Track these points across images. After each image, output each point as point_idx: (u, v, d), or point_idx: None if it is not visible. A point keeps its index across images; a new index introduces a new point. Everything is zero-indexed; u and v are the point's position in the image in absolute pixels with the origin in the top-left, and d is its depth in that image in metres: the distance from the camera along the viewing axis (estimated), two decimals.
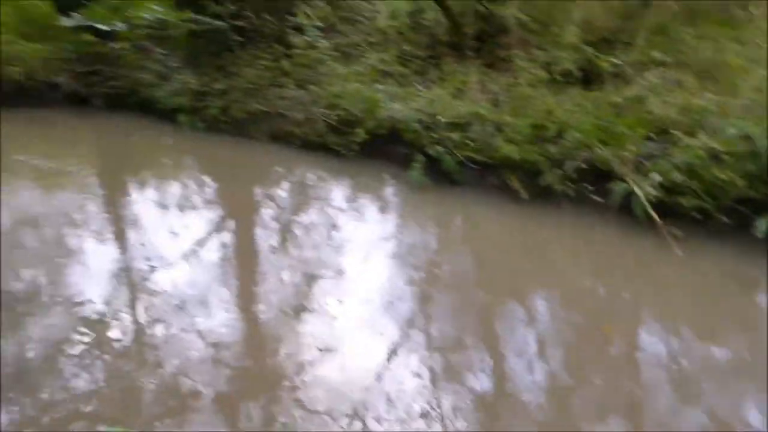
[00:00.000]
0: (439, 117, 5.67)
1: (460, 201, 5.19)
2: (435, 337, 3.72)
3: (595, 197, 4.68)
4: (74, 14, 7.24)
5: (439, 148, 5.38)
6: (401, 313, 3.90)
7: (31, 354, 3.50)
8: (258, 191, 5.77)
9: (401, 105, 5.96)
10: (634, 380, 3.34)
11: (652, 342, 3.65)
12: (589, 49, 6.22)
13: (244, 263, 4.58)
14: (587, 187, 4.74)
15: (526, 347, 3.57)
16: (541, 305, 4.02)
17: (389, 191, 5.60)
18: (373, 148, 5.86)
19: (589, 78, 6.10)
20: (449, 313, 3.98)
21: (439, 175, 5.35)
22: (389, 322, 3.82)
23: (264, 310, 4.04)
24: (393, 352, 3.56)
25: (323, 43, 7.31)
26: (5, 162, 5.68)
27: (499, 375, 3.43)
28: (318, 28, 7.47)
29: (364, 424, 3.05)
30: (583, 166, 4.83)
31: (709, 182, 4.30)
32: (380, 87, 6.41)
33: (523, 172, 5.06)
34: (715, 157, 4.38)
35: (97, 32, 7.25)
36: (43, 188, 5.47)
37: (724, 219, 4.23)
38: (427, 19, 7.23)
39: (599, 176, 4.75)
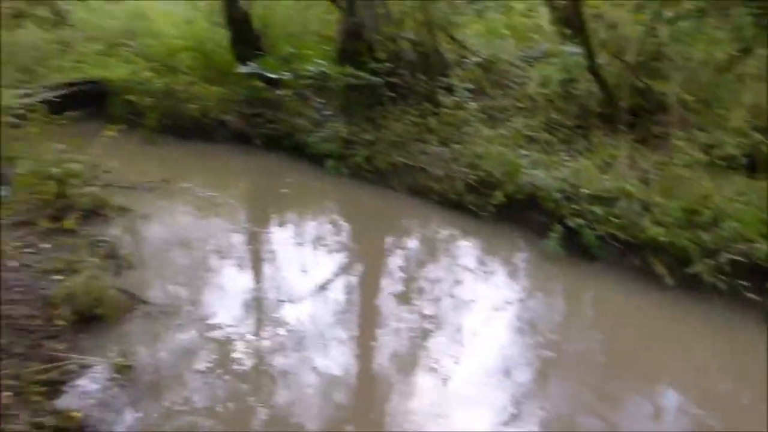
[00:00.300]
0: (583, 189, 5.49)
1: (595, 277, 4.94)
2: (547, 416, 3.52)
3: (750, 295, 4.25)
4: (250, 63, 8.03)
5: (580, 221, 5.18)
6: (516, 384, 3.76)
7: (163, 365, 3.77)
8: (390, 240, 5.89)
9: (543, 172, 5.85)
10: None
11: None
12: (758, 135, 5.77)
13: (366, 308, 4.66)
14: (742, 283, 4.31)
15: None
16: (667, 402, 3.70)
17: (521, 257, 5.47)
18: (510, 213, 5.77)
19: (755, 165, 5.63)
20: (566, 394, 3.76)
21: (575, 248, 5.14)
22: (502, 391, 3.69)
23: (379, 358, 4.07)
24: (503, 425, 3.41)
25: (471, 105, 7.42)
26: (173, 187, 6.31)
27: None
28: (468, 90, 7.60)
29: None
30: (740, 259, 4.41)
31: None
32: (524, 152, 6.36)
33: (669, 256, 4.73)
34: None
35: (266, 80, 7.94)
36: (198, 214, 5.98)
37: None
38: (579, 89, 7.11)
39: (758, 272, 4.31)
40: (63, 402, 3.30)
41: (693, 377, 3.85)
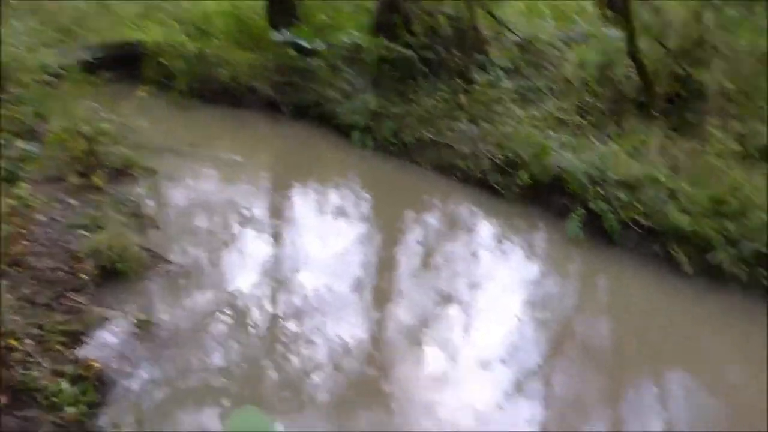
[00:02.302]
0: (610, 173, 5.41)
1: (614, 262, 4.89)
2: (554, 392, 3.54)
3: None
4: (284, 30, 8.01)
5: (603, 205, 5.12)
6: (524, 360, 3.77)
7: (181, 324, 3.87)
8: (411, 214, 5.90)
9: (571, 155, 5.78)
10: None
11: None
12: None
13: (382, 279, 4.71)
14: (763, 273, 4.23)
15: (650, 426, 3.27)
16: (676, 387, 3.69)
17: (540, 237, 5.44)
18: (533, 194, 5.72)
19: None
20: (573, 372, 3.77)
21: (596, 233, 5.09)
22: (510, 366, 3.71)
23: (392, 329, 4.11)
24: (507, 395, 3.44)
25: (505, 84, 7.33)
26: (199, 151, 6.39)
27: None
28: (503, 68, 7.51)
29: None
30: (763, 250, 4.32)
31: None
32: (553, 134, 6.28)
33: (690, 245, 4.65)
34: None
35: (299, 48, 7.93)
36: (223, 179, 6.06)
37: None
38: (616, 73, 6.95)
39: None
40: (83, 352, 3.42)
41: (701, 365, 3.81)
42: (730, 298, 4.32)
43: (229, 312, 4.07)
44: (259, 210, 5.68)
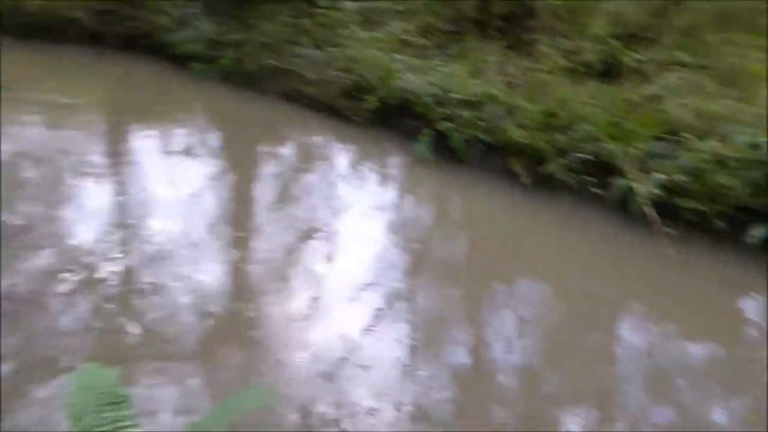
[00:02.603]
0: (453, 93, 5.61)
1: (462, 179, 5.17)
2: (418, 310, 3.76)
3: (595, 190, 4.64)
4: None
5: (448, 125, 5.34)
6: (388, 282, 3.93)
7: (21, 289, 3.55)
8: (262, 147, 5.77)
9: (416, 77, 5.89)
10: (609, 371, 3.39)
11: (631, 336, 3.69)
12: (615, 43, 6.11)
13: (238, 217, 4.61)
14: (589, 180, 4.70)
15: (506, 329, 3.61)
16: (526, 290, 4.04)
17: (393, 162, 5.58)
18: (383, 117, 5.81)
19: (609, 72, 5.99)
20: (435, 288, 4.01)
21: (444, 152, 5.32)
22: (376, 289, 3.86)
23: (252, 265, 4.09)
24: (376, 319, 3.60)
25: (348, 6, 7.21)
26: (11, 95, 5.69)
27: (477, 353, 3.48)
28: None
29: (338, 386, 3.10)
30: (589, 158, 4.78)
31: (711, 187, 4.26)
32: (398, 56, 6.34)
33: (528, 157, 5.02)
34: (721, 162, 4.32)
35: None
36: (47, 124, 5.48)
37: (721, 224, 4.19)
38: None
39: (603, 170, 4.70)
40: None
41: (545, 267, 4.20)
42: (564, 205, 4.74)
43: (74, 269, 3.80)
44: (96, 156, 5.25)
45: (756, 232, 4.08)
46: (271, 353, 3.32)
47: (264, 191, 5.01)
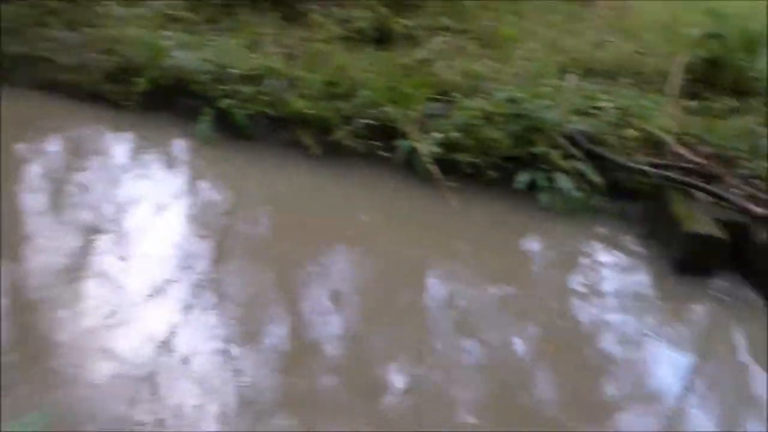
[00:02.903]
0: (231, 69, 5.39)
1: (252, 156, 5.00)
2: (230, 297, 3.58)
3: (383, 153, 4.79)
4: None
5: (229, 101, 5.12)
6: (193, 273, 3.68)
7: None
8: (23, 146, 5.06)
9: (189, 54, 5.56)
10: (422, 323, 3.54)
11: (434, 286, 3.90)
12: (384, 11, 6.33)
13: (6, 228, 3.93)
14: (376, 144, 4.82)
15: (322, 301, 3.58)
16: (334, 259, 4.06)
17: (176, 146, 5.21)
18: (157, 100, 5.38)
19: (382, 38, 6.21)
20: (244, 272, 3.85)
21: (229, 130, 5.10)
22: (180, 283, 3.60)
23: (36, 278, 3.57)
24: (185, 314, 3.36)
25: None
26: None
27: (296, 330, 3.42)
28: None
29: (156, 388, 2.86)
30: (373, 123, 4.91)
31: (481, 141, 4.61)
32: (166, 33, 5.92)
33: (315, 128, 5.01)
34: (488, 118, 4.70)
35: None
36: None
37: (494, 174, 4.57)
38: None
39: (387, 134, 4.86)
40: None
41: (345, 233, 4.24)
42: (355, 171, 4.80)
43: None
44: None
45: (521, 178, 4.52)
46: (74, 368, 2.93)
47: (33, 197, 4.39)
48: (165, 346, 3.10)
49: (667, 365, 3.37)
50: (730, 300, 3.80)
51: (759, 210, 4.02)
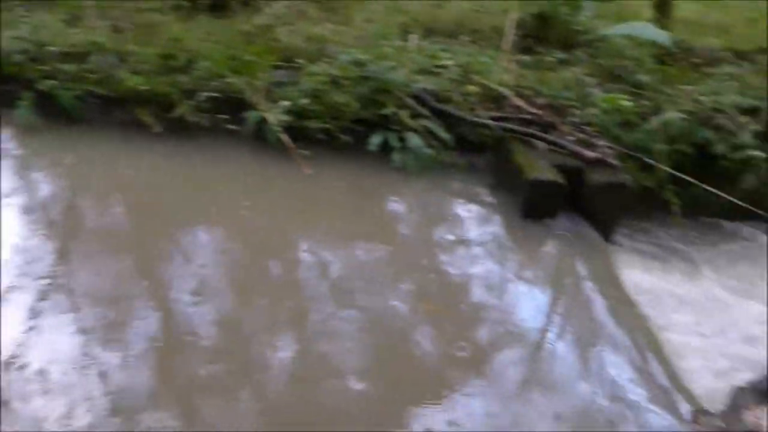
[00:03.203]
0: (49, 47, 4.87)
1: (88, 140, 4.58)
2: (87, 295, 3.26)
3: (230, 126, 4.60)
4: None
5: (51, 82, 4.63)
6: (39, 275, 3.33)
7: None
8: None
9: None
10: (297, 294, 3.48)
11: (304, 255, 3.82)
12: None
13: None
14: (222, 117, 4.62)
15: (190, 286, 3.39)
16: (197, 241, 3.86)
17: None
18: None
19: (217, 6, 5.89)
20: (98, 265, 3.53)
21: (55, 113, 4.62)
22: (25, 287, 3.24)
23: None
24: (35, 319, 3.02)
25: None
26: None
27: (165, 320, 3.20)
28: None
29: (12, 405, 2.60)
30: (217, 95, 4.68)
31: (330, 105, 4.56)
32: None
33: (154, 105, 4.68)
34: (335, 82, 4.65)
35: None
36: None
37: (345, 138, 4.55)
38: None
39: (233, 105, 4.65)
40: None
41: (201, 212, 4.04)
42: (203, 147, 4.57)
43: None
44: None
45: (373, 140, 4.55)
46: None
47: None
48: (13, 362, 2.79)
49: (529, 304, 3.61)
50: (573, 238, 4.14)
51: (591, 154, 4.39)
